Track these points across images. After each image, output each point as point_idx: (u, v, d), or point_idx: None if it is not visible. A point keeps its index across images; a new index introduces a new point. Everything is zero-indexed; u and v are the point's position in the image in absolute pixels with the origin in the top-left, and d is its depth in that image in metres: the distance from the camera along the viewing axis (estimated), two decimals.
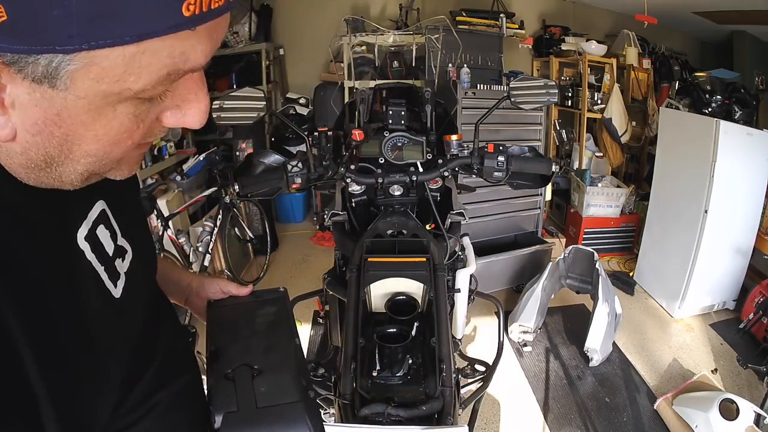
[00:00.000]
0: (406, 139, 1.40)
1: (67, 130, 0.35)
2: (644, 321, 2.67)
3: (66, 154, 0.37)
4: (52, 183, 0.40)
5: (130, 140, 0.38)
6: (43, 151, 0.36)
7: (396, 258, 1.06)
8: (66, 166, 0.38)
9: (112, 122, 0.36)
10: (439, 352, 0.91)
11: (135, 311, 0.54)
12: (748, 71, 3.61)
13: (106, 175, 0.43)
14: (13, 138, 0.35)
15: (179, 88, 0.38)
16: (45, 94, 0.33)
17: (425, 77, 3.41)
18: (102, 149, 0.38)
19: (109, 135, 0.37)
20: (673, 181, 2.75)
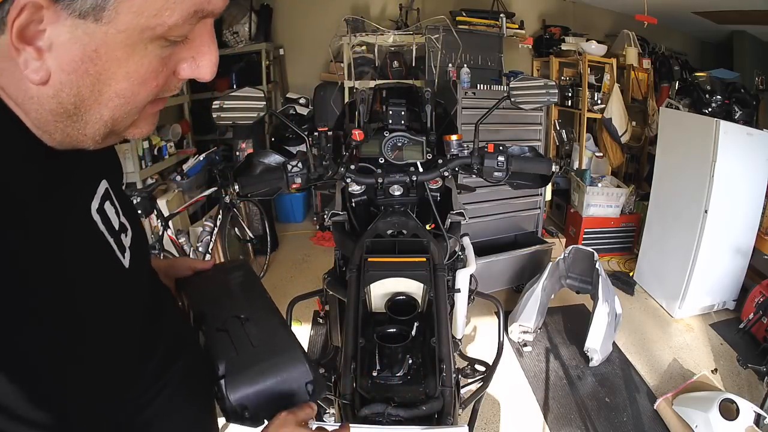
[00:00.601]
0: (406, 139, 1.40)
1: (102, 67, 0.38)
2: (644, 321, 2.67)
3: (96, 95, 0.39)
4: (75, 137, 0.42)
5: (155, 82, 0.41)
6: (76, 91, 0.38)
7: (396, 258, 1.07)
8: (93, 112, 0.40)
9: (143, 59, 0.39)
10: (439, 352, 0.91)
11: (142, 284, 0.58)
12: (748, 71, 3.61)
13: (126, 134, 0.45)
14: (47, 81, 0.37)
15: (195, 39, 0.42)
16: (87, 29, 0.36)
17: (425, 77, 3.41)
18: (130, 89, 0.40)
19: (139, 72, 0.39)
20: (673, 181, 2.75)
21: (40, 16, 0.35)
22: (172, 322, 0.67)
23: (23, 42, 0.36)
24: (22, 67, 0.37)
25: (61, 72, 0.37)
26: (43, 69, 0.37)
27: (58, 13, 0.35)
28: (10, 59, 0.37)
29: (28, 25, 0.35)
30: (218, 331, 0.69)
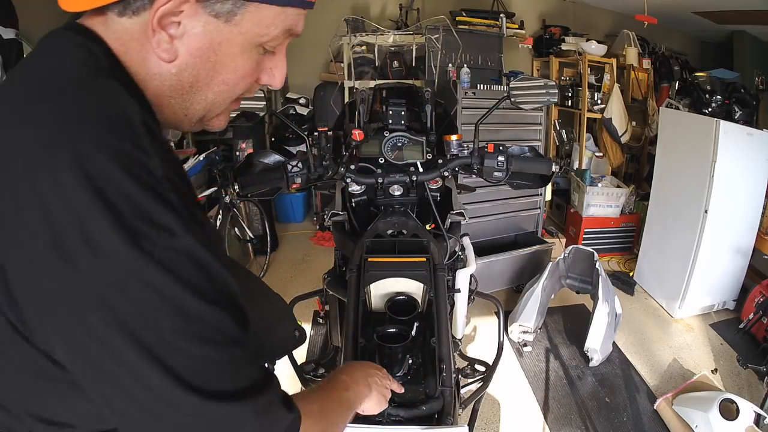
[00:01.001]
0: (406, 139, 1.40)
1: (220, 58, 0.48)
2: (644, 321, 2.67)
3: (209, 80, 0.49)
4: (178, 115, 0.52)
5: (249, 79, 0.52)
6: (195, 72, 0.48)
7: (396, 258, 1.07)
8: (201, 94, 0.50)
9: (248, 59, 0.50)
10: (439, 352, 0.91)
11: None
12: (748, 71, 3.60)
13: (209, 125, 0.56)
14: (173, 60, 0.47)
15: (276, 54, 0.54)
16: (218, 27, 0.46)
17: (425, 77, 3.41)
18: (233, 80, 0.51)
19: (243, 68, 0.51)
20: (673, 181, 2.75)
21: (181, 8, 0.44)
22: None
23: (160, 27, 0.44)
24: (154, 46, 0.45)
25: (188, 55, 0.47)
26: (172, 50, 0.46)
27: (197, 10, 0.45)
28: (138, 40, 0.46)
29: (169, 13, 0.44)
30: None
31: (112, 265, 0.37)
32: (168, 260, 0.39)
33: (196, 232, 0.41)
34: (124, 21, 0.46)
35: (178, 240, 0.39)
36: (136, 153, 0.40)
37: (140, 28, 0.45)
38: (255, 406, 0.43)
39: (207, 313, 0.41)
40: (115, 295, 0.37)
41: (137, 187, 0.38)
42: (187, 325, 0.40)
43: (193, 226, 0.41)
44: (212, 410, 0.40)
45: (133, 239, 0.37)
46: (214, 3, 0.45)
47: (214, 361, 0.41)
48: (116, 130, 0.40)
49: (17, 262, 0.39)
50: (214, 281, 0.42)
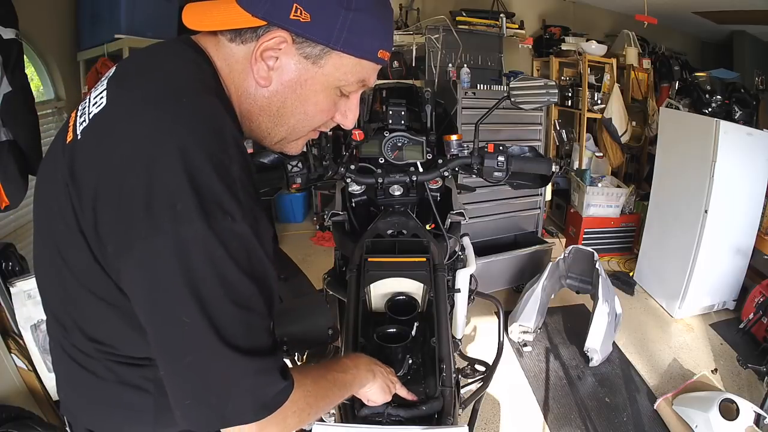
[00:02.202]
0: (406, 139, 1.40)
1: (304, 91, 0.59)
2: (644, 321, 2.67)
3: (293, 108, 0.61)
4: (262, 132, 0.64)
5: (326, 115, 0.63)
6: (283, 99, 0.60)
7: (396, 258, 1.07)
8: (286, 118, 0.62)
9: (327, 98, 0.61)
10: (439, 352, 0.91)
11: None
12: (748, 71, 3.60)
13: (287, 147, 0.67)
14: (267, 86, 0.58)
15: (348, 101, 0.65)
16: (306, 66, 0.58)
17: (425, 77, 3.41)
18: (313, 113, 0.62)
19: (322, 105, 0.62)
20: (673, 181, 2.75)
21: (280, 46, 0.56)
22: None
23: (262, 58, 0.56)
24: (254, 72, 0.57)
25: (280, 84, 0.59)
26: (268, 78, 0.58)
27: (292, 50, 0.56)
28: (242, 64, 0.58)
29: (271, 49, 0.56)
30: None
31: (186, 229, 0.47)
32: (226, 237, 0.49)
33: (251, 223, 0.52)
34: (233, 46, 0.58)
35: (237, 225, 0.50)
36: (222, 157, 0.51)
37: (245, 55, 0.58)
38: (258, 366, 0.52)
39: (243, 282, 0.51)
40: (182, 251, 0.48)
41: (218, 180, 0.49)
42: (226, 287, 0.50)
43: (250, 218, 0.52)
44: (226, 356, 0.50)
45: (206, 215, 0.48)
46: (306, 46, 0.56)
47: (239, 320, 0.51)
48: (213, 138, 0.51)
49: (110, 210, 0.50)
50: (253, 262, 0.52)
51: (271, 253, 0.56)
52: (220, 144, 0.51)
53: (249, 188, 0.53)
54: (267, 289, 0.55)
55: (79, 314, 0.60)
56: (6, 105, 1.53)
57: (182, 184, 0.48)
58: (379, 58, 0.61)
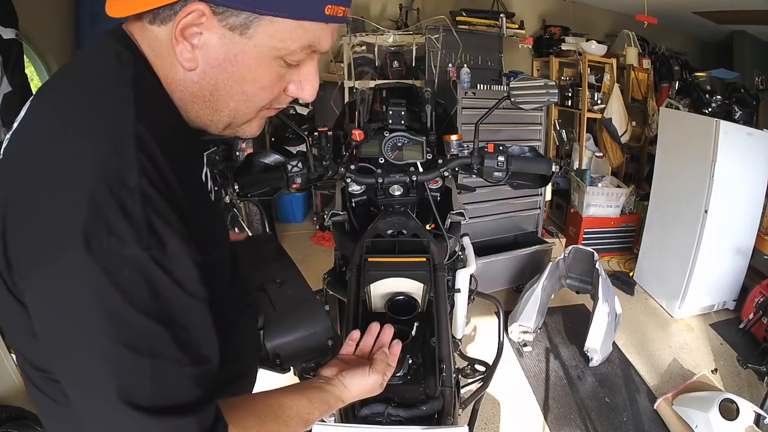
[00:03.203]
0: (406, 139, 1.40)
1: (237, 68, 0.50)
2: (644, 321, 2.67)
3: (228, 89, 0.52)
4: (204, 120, 0.55)
5: (270, 91, 0.54)
6: (214, 81, 0.51)
7: (396, 258, 1.06)
8: (223, 102, 0.53)
9: (266, 71, 0.52)
10: (439, 352, 0.91)
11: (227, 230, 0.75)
12: (748, 71, 3.60)
13: (239, 131, 0.59)
14: (194, 69, 0.50)
15: (304, 68, 0.55)
16: (233, 39, 0.48)
17: (425, 77, 3.41)
18: (253, 91, 0.53)
19: (262, 80, 0.52)
20: (673, 181, 2.75)
21: (200, 21, 0.47)
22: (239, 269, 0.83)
23: (183, 38, 0.48)
24: (178, 55, 0.49)
25: (207, 65, 0.50)
26: (194, 60, 0.49)
27: (214, 23, 0.47)
28: (166, 47, 0.50)
29: (189, 27, 0.47)
30: (258, 291, 0.83)
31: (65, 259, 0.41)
32: (112, 264, 0.41)
33: (156, 245, 0.43)
34: (154, 29, 0.50)
35: (127, 249, 0.41)
36: (116, 161, 0.43)
37: (167, 37, 0.49)
38: (168, 429, 0.44)
39: (141, 323, 0.42)
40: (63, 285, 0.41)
41: (106, 194, 0.42)
42: (118, 328, 0.41)
43: (154, 239, 0.43)
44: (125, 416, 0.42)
45: (86, 239, 0.40)
46: (229, 16, 0.47)
47: (140, 370, 0.43)
48: (106, 143, 0.44)
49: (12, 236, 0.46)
50: (159, 296, 0.43)
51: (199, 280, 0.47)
52: (115, 145, 0.44)
53: (158, 200, 0.44)
54: (185, 330, 0.45)
55: (19, 344, 0.55)
56: (6, 105, 1.54)
57: (66, 204, 0.42)
58: (329, 16, 0.51)
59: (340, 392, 0.67)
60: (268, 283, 0.84)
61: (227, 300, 0.64)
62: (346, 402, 0.68)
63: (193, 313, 0.47)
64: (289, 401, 0.59)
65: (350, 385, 0.68)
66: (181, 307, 0.45)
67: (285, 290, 0.83)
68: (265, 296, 0.82)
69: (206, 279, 0.48)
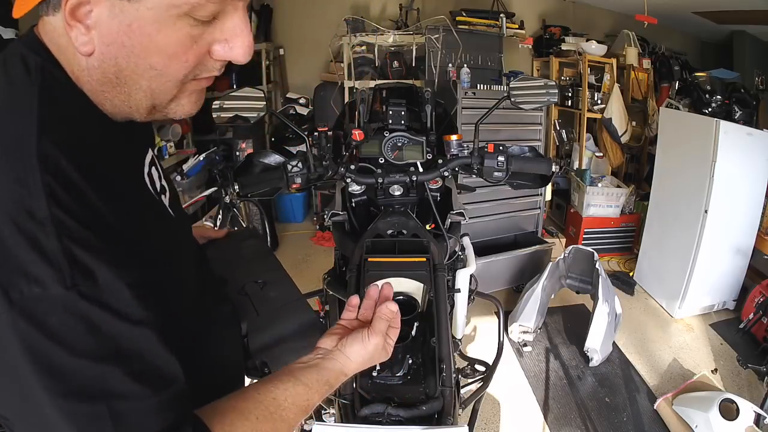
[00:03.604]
0: (406, 139, 1.40)
1: (136, 40, 0.42)
2: (644, 321, 2.67)
3: (133, 66, 0.44)
4: (122, 107, 0.48)
5: (185, 57, 0.45)
6: (114, 62, 0.44)
7: (396, 258, 1.06)
8: (133, 82, 0.45)
9: (171, 35, 0.43)
10: (439, 352, 0.91)
11: (188, 234, 0.68)
12: (748, 71, 3.60)
13: (169, 111, 0.50)
14: (92, 52, 0.43)
15: (227, 22, 0.46)
16: (123, 7, 0.41)
17: (425, 77, 3.41)
18: (162, 62, 0.44)
19: (169, 47, 0.44)
20: (673, 181, 2.75)
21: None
22: (212, 275, 0.76)
23: (74, 19, 0.42)
24: (74, 41, 0.43)
25: (102, 44, 0.43)
26: (90, 42, 0.43)
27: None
28: (65, 36, 0.43)
29: (78, 6, 0.41)
30: (239, 294, 0.77)
31: None
32: (37, 312, 0.37)
33: (81, 281, 0.38)
34: (51, 20, 0.45)
35: (49, 291, 0.37)
36: (19, 193, 0.38)
37: (62, 24, 0.43)
38: None
39: (82, 368, 0.38)
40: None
41: (12, 232, 0.37)
42: (57, 382, 0.37)
43: (76, 275, 0.38)
44: None
45: (2, 290, 0.36)
46: None
47: (91, 417, 0.39)
48: (3, 170, 0.39)
49: None
50: (98, 334, 0.39)
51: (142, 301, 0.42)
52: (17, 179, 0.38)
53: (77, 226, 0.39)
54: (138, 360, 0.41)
55: None
56: None
57: None
58: None
59: (341, 365, 0.59)
60: (249, 285, 0.78)
61: (196, 309, 0.59)
62: (350, 375, 0.61)
63: (143, 339, 0.42)
64: (283, 393, 0.52)
65: (351, 355, 0.60)
66: (128, 338, 0.41)
67: (268, 292, 0.77)
68: (247, 300, 0.76)
69: (155, 295, 0.44)
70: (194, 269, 0.63)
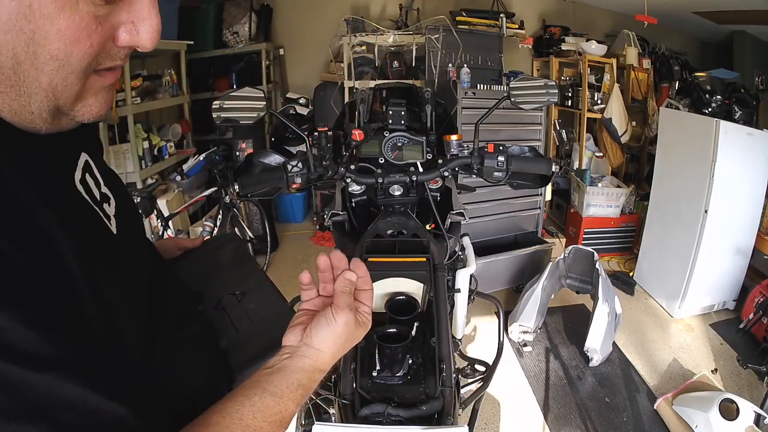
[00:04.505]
0: (406, 139, 1.40)
1: (35, 25, 0.36)
2: (644, 321, 2.67)
3: (32, 58, 0.38)
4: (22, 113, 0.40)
5: (88, 42, 0.39)
6: (12, 53, 0.37)
7: (396, 258, 1.06)
8: (32, 79, 0.39)
9: (73, 16, 0.37)
10: (439, 352, 0.91)
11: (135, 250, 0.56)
12: (748, 71, 3.60)
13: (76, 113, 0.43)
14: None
15: (134, 4, 0.41)
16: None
17: (425, 77, 3.41)
18: (63, 49, 0.38)
19: (70, 30, 0.38)
20: (673, 181, 2.75)
21: None
22: (179, 292, 0.66)
23: None
24: None
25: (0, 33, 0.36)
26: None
27: None
28: None
29: None
30: (216, 309, 0.69)
31: None
32: None
33: None
34: None
35: None
36: None
37: None
38: None
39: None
40: None
41: None
42: None
43: None
44: None
45: None
46: None
47: None
48: None
49: None
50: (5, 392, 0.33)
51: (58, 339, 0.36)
52: None
53: None
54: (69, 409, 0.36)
55: None
56: None
57: None
58: None
59: (312, 362, 0.51)
60: (226, 298, 0.70)
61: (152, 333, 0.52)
62: (327, 368, 0.53)
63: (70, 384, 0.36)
64: (250, 410, 0.46)
65: (320, 344, 0.52)
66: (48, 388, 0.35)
67: (247, 303, 0.69)
68: (225, 315, 0.68)
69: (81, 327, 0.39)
70: (144, 289, 0.54)
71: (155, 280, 0.58)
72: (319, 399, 1.15)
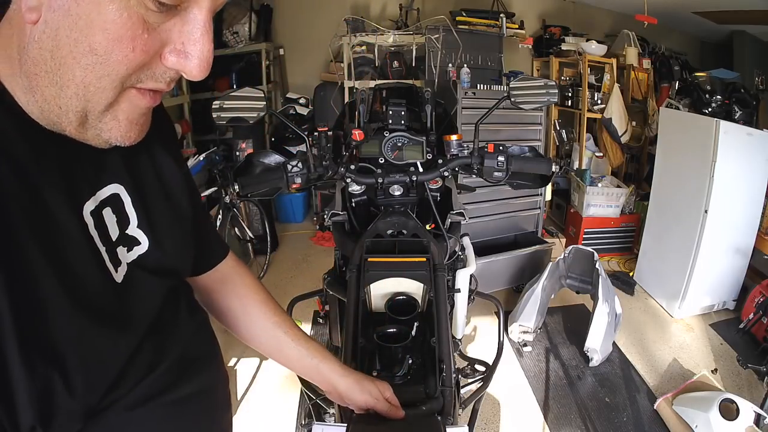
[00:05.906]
0: (406, 139, 1.40)
1: (83, 9, 0.35)
2: (644, 321, 2.67)
3: (72, 43, 0.36)
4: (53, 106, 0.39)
5: (131, 44, 0.37)
6: (54, 32, 0.36)
7: (396, 258, 1.06)
8: (67, 67, 0.37)
9: (121, 11, 0.36)
10: (439, 352, 0.91)
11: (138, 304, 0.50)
12: (748, 71, 3.61)
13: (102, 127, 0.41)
14: (37, 17, 0.36)
15: (188, 24, 0.39)
16: None
17: (425, 77, 3.41)
18: (104, 44, 0.36)
19: (116, 25, 0.36)
20: (673, 181, 2.75)
21: None
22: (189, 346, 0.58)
23: None
24: (23, 7, 0.36)
25: (49, 10, 0.36)
26: (38, 8, 0.36)
27: None
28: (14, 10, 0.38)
29: None
30: None
31: None
32: None
33: None
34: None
35: None
36: None
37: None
38: None
39: None
40: None
41: None
42: None
43: None
44: None
45: None
46: None
47: None
48: None
49: None
50: None
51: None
52: None
53: None
54: None
55: None
56: None
57: None
58: None
59: None
60: None
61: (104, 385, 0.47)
62: None
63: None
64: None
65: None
66: None
67: None
68: None
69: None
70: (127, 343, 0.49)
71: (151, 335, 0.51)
72: (319, 399, 1.15)
